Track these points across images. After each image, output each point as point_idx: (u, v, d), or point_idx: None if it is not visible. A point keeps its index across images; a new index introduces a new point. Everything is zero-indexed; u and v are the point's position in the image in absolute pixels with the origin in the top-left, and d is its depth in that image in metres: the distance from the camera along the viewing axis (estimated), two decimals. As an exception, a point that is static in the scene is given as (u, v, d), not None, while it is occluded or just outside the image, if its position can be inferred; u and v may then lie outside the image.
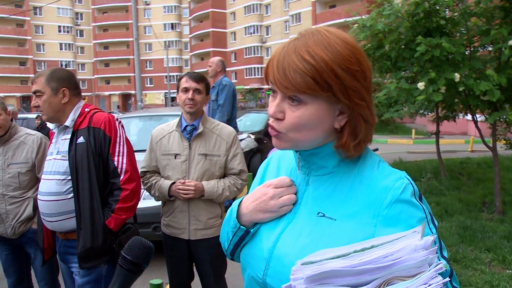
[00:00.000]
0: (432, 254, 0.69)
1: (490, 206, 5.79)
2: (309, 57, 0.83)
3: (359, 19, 5.73)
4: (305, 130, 0.88)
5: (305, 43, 0.86)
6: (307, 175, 0.97)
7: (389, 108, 5.59)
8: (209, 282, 2.64)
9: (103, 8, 63.51)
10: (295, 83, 0.83)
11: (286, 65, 0.85)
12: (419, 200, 0.89)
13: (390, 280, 0.68)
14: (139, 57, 16.95)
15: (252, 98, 45.42)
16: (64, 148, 2.18)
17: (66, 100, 2.19)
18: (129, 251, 0.93)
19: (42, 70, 2.26)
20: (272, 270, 0.93)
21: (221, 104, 5.51)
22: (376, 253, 0.69)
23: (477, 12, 4.94)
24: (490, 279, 3.57)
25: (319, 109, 0.86)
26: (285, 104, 0.88)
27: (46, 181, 2.20)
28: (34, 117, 10.88)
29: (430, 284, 0.66)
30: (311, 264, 0.71)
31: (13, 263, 2.85)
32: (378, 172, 0.91)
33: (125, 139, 2.24)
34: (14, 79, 56.96)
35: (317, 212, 0.92)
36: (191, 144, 2.52)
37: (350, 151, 0.90)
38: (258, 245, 0.99)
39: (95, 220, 2.10)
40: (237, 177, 2.60)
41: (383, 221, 0.85)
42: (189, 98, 2.49)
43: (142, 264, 0.94)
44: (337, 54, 0.84)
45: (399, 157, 10.52)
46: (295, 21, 43.52)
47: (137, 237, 0.98)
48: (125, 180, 2.17)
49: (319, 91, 0.84)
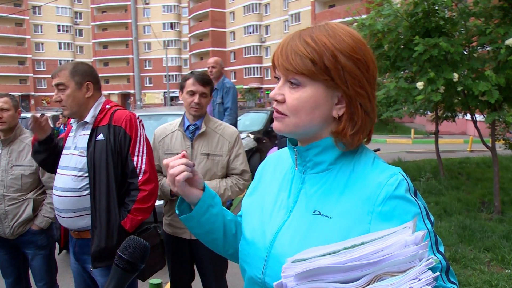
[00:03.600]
0: (422, 249, 0.69)
1: (489, 205, 5.80)
2: (311, 41, 0.88)
3: (358, 19, 5.74)
4: (303, 113, 0.90)
5: (310, 31, 0.90)
6: (303, 173, 0.98)
7: (388, 107, 5.61)
8: (210, 282, 2.64)
9: (102, 8, 63.44)
10: (295, 64, 0.87)
11: (289, 49, 0.89)
12: (414, 195, 0.89)
13: (380, 275, 0.68)
14: (138, 57, 16.93)
15: (251, 98, 45.43)
16: (82, 144, 2.14)
17: (89, 95, 2.16)
18: (125, 250, 0.94)
19: (63, 64, 2.21)
20: (270, 270, 0.93)
21: (228, 107, 5.44)
22: (366, 250, 0.70)
23: (476, 12, 4.94)
24: (489, 278, 3.57)
25: (316, 93, 0.89)
26: (285, 87, 0.92)
27: (62, 176, 2.16)
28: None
29: (420, 278, 0.66)
30: (302, 261, 0.72)
31: (11, 264, 2.83)
32: (373, 169, 0.92)
33: (145, 139, 2.21)
34: (13, 78, 56.88)
35: (313, 210, 0.92)
36: (194, 144, 2.52)
37: (347, 139, 0.90)
38: (256, 245, 0.99)
39: (111, 220, 2.07)
40: (239, 177, 2.59)
41: (378, 218, 0.86)
42: (195, 102, 2.49)
43: (138, 263, 0.94)
44: (340, 41, 0.88)
45: (398, 157, 10.53)
46: (294, 20, 43.52)
47: (133, 236, 0.98)
48: (144, 181, 2.13)
49: (317, 74, 0.87)
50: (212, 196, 1.06)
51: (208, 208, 1.04)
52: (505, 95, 4.89)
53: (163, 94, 58.17)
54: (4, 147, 2.73)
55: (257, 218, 1.03)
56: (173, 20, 62.17)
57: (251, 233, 1.02)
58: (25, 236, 2.74)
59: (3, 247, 2.78)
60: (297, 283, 0.70)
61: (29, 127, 2.28)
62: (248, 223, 1.06)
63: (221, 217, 1.09)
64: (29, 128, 2.27)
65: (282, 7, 47.25)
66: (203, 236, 1.10)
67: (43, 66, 59.60)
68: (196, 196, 1.03)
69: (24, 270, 2.92)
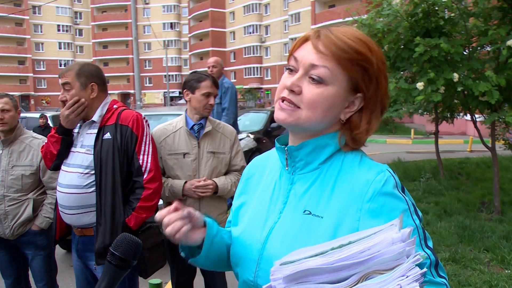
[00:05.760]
0: (409, 245, 0.69)
1: (489, 206, 5.80)
2: (354, 38, 0.90)
3: (358, 19, 5.74)
4: (319, 110, 0.90)
5: (339, 31, 0.91)
6: (292, 174, 0.98)
7: (388, 107, 5.61)
8: (213, 279, 2.69)
9: (102, 7, 63.45)
10: (348, 49, 0.88)
11: (334, 36, 0.89)
12: (402, 191, 0.89)
13: (368, 274, 0.69)
14: (138, 57, 16.93)
15: (251, 98, 45.48)
16: (89, 142, 2.17)
17: (94, 95, 2.18)
18: (117, 247, 0.95)
19: (71, 64, 2.25)
20: (262, 272, 0.93)
21: (226, 107, 5.42)
22: (353, 249, 0.70)
23: (476, 13, 4.94)
24: (489, 279, 3.57)
25: (338, 93, 0.90)
26: (304, 81, 0.90)
27: (67, 173, 2.18)
28: (35, 116, 10.81)
29: (408, 275, 0.66)
30: (290, 263, 0.72)
31: (11, 264, 2.83)
32: (360, 167, 0.92)
33: (151, 138, 2.25)
34: (13, 78, 56.88)
35: (303, 210, 0.93)
36: (200, 143, 2.55)
37: (358, 133, 0.93)
38: (247, 248, 0.99)
39: (115, 217, 2.10)
40: (239, 173, 2.66)
41: (366, 215, 0.86)
42: (210, 104, 2.55)
43: (130, 260, 0.96)
44: (374, 49, 0.92)
45: (398, 157, 10.53)
46: (294, 20, 43.55)
47: (125, 233, 0.99)
48: (149, 179, 2.17)
49: (352, 69, 0.89)
50: (212, 226, 1.03)
51: (212, 241, 1.02)
52: (505, 95, 4.90)
53: (163, 94, 58.17)
54: (4, 147, 2.73)
55: (247, 221, 1.03)
56: (173, 20, 62.19)
57: (242, 236, 1.02)
58: (25, 237, 2.73)
59: (3, 247, 2.78)
60: (286, 285, 0.71)
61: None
62: (238, 226, 1.06)
63: (223, 241, 1.07)
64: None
65: (282, 7, 47.27)
66: (211, 265, 1.08)
67: (43, 66, 59.61)
68: (199, 238, 0.99)
69: (24, 270, 2.92)
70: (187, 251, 1.05)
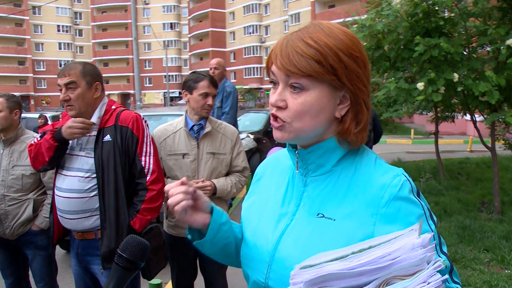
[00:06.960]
0: (430, 251, 0.69)
1: (489, 206, 5.80)
2: (313, 42, 0.85)
3: (358, 19, 5.73)
4: (308, 118, 0.88)
5: (307, 32, 0.88)
6: (305, 176, 0.97)
7: (388, 108, 5.60)
8: (213, 279, 2.68)
9: (102, 8, 63.40)
10: (300, 66, 0.84)
11: (290, 50, 0.86)
12: (417, 196, 0.88)
13: (389, 280, 0.68)
14: (138, 57, 16.92)
15: (251, 98, 45.43)
16: (89, 145, 2.12)
17: (98, 95, 2.15)
18: (125, 249, 0.94)
19: (71, 63, 2.15)
20: (274, 273, 0.92)
21: (226, 112, 5.29)
22: (374, 254, 0.69)
23: (475, 12, 4.94)
24: (488, 279, 3.57)
25: (321, 95, 0.87)
26: (286, 92, 0.89)
27: (67, 177, 2.12)
28: (35, 116, 10.83)
29: (429, 282, 0.66)
30: (310, 267, 0.71)
31: (11, 264, 2.83)
32: (375, 170, 0.91)
33: (151, 139, 2.21)
34: (12, 78, 56.81)
35: (316, 213, 0.91)
36: (199, 143, 2.54)
37: (352, 138, 0.90)
38: (258, 248, 0.98)
39: (120, 220, 2.07)
40: (241, 174, 2.65)
41: (382, 220, 0.85)
42: (208, 104, 2.52)
43: (138, 262, 0.95)
44: (339, 40, 0.87)
45: (398, 157, 10.53)
46: (294, 21, 43.50)
47: (132, 235, 0.99)
48: (152, 181, 2.14)
49: (324, 74, 0.85)
50: (221, 215, 1.04)
51: (220, 227, 1.02)
52: (505, 95, 4.90)
53: (163, 94, 58.14)
54: (5, 147, 2.72)
55: (258, 222, 1.02)
56: (173, 20, 62.14)
57: (253, 237, 1.01)
58: (25, 237, 2.73)
59: (3, 247, 2.78)
60: None
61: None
62: (249, 227, 1.05)
63: (232, 232, 1.07)
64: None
65: (282, 7, 47.25)
66: (216, 254, 1.08)
67: (43, 66, 59.55)
68: (200, 222, 1.00)
69: (24, 270, 2.91)
70: (196, 235, 1.05)
